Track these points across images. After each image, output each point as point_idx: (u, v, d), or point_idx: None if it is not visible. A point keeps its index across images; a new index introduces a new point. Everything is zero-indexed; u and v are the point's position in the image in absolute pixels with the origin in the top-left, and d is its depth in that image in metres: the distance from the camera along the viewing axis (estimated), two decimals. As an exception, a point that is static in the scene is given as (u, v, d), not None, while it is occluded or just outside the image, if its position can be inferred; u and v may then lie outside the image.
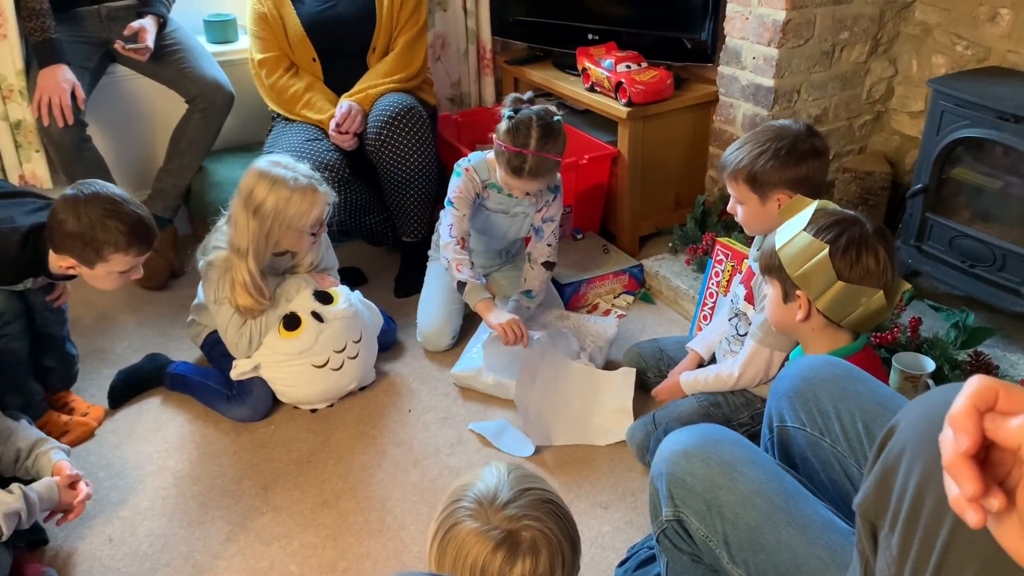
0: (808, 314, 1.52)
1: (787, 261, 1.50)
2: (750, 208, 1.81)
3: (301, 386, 2.11)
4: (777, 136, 1.76)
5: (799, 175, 1.74)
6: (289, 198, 1.95)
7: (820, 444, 1.19)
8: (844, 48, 2.52)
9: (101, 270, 1.81)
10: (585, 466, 1.96)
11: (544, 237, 2.33)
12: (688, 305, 2.47)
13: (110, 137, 2.74)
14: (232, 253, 2.00)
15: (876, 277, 1.47)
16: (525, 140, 2.07)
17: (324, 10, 2.60)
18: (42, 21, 2.38)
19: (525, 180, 2.12)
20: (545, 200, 2.31)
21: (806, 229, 1.49)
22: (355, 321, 2.13)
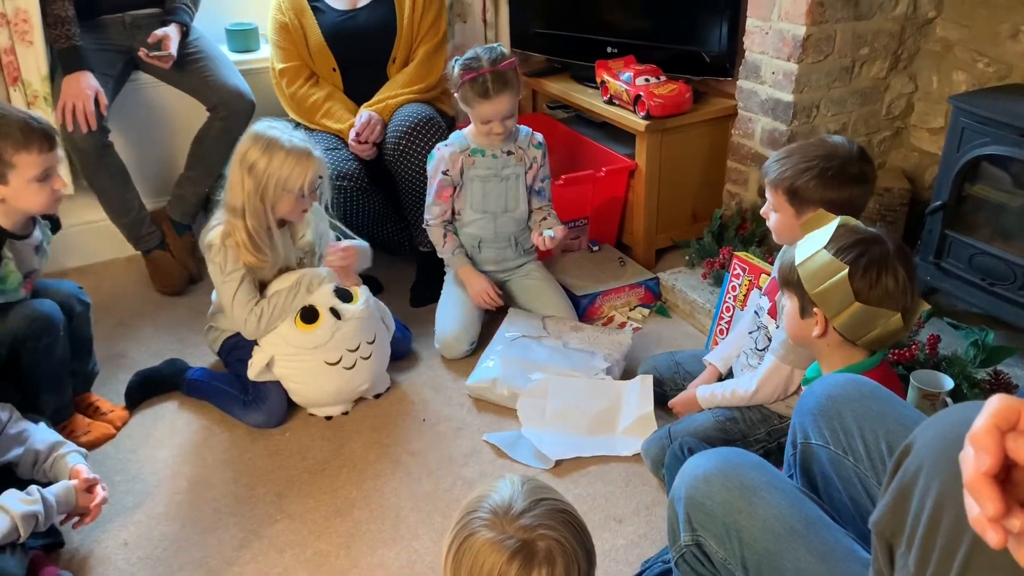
0: (824, 331, 1.51)
1: (806, 278, 1.49)
2: (783, 219, 1.80)
3: (313, 383, 2.11)
4: (828, 155, 1.73)
5: (840, 197, 1.72)
6: (284, 159, 1.98)
7: (843, 463, 1.18)
8: (864, 64, 2.51)
9: (17, 180, 1.79)
10: (599, 479, 1.95)
11: (544, 195, 2.46)
12: (704, 319, 2.46)
13: (132, 143, 2.76)
14: (228, 215, 2.03)
15: (895, 299, 1.45)
16: (477, 64, 2.24)
17: (344, 21, 2.63)
18: (67, 28, 2.42)
19: (493, 98, 2.23)
20: (532, 157, 2.39)
21: (827, 247, 1.48)
22: (371, 322, 2.14)
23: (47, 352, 1.89)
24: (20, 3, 2.37)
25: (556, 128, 3.06)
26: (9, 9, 2.37)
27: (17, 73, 2.44)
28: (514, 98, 2.27)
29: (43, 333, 1.88)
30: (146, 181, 2.78)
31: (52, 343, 1.89)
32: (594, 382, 2.16)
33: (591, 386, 2.15)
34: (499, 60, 2.24)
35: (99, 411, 2.14)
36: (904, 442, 0.76)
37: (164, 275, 2.68)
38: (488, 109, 2.25)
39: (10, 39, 2.40)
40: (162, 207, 2.78)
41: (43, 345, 1.88)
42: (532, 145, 2.39)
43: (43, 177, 1.83)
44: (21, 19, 2.39)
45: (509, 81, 2.24)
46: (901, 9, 2.47)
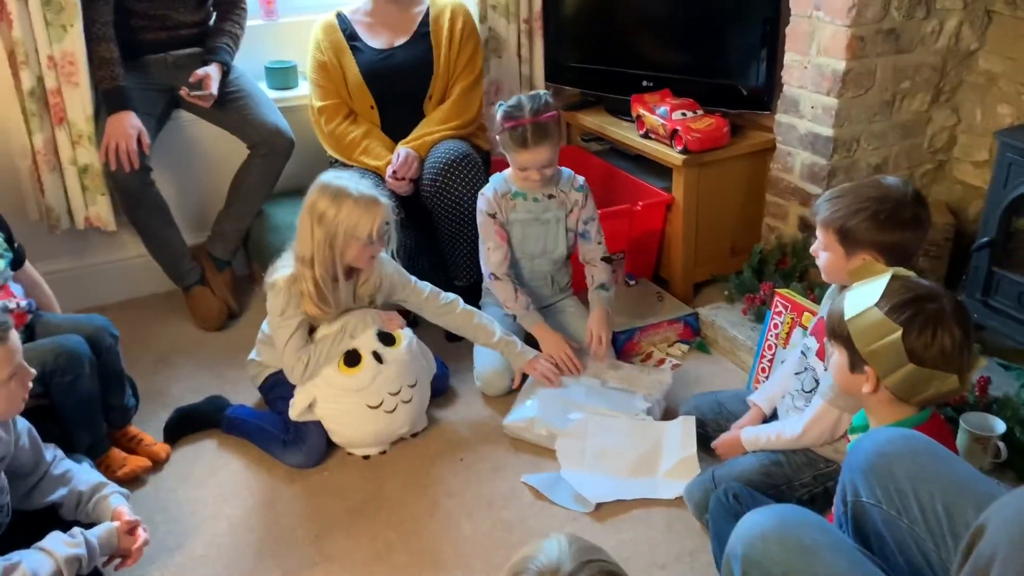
0: (876, 389, 1.45)
1: (856, 335, 1.44)
2: (833, 258, 1.76)
3: (353, 426, 2.12)
4: (882, 197, 1.70)
5: (892, 241, 1.68)
6: (353, 207, 2.01)
7: (897, 523, 1.15)
8: (905, 97, 2.48)
9: None
10: (641, 524, 1.92)
11: (592, 238, 2.41)
12: (745, 356, 2.43)
13: (173, 180, 2.80)
14: (297, 263, 2.06)
15: (951, 360, 1.39)
16: (520, 112, 2.24)
17: (383, 59, 2.65)
18: (111, 69, 2.46)
19: (532, 148, 2.23)
20: (574, 201, 2.37)
21: (878, 304, 1.42)
22: (412, 365, 2.14)
23: (73, 388, 1.91)
24: (67, 46, 2.42)
25: (590, 161, 3.05)
26: (56, 52, 2.42)
27: (63, 114, 2.48)
28: (553, 149, 2.27)
29: (67, 369, 1.89)
30: (186, 217, 2.81)
31: (77, 379, 1.90)
32: (635, 423, 2.14)
33: (632, 427, 2.13)
34: (541, 111, 2.23)
35: (142, 443, 2.15)
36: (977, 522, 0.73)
37: (204, 311, 2.70)
38: (526, 158, 2.26)
39: (57, 81, 2.45)
40: (202, 243, 2.81)
41: (67, 381, 1.89)
42: (574, 188, 2.38)
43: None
44: (68, 61, 2.43)
45: (549, 132, 2.24)
46: (943, 42, 2.44)
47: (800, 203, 2.58)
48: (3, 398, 1.59)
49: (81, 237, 2.74)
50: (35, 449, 1.76)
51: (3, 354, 1.56)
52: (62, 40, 2.41)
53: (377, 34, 2.68)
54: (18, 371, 1.60)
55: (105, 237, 2.76)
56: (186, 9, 2.64)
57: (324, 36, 2.64)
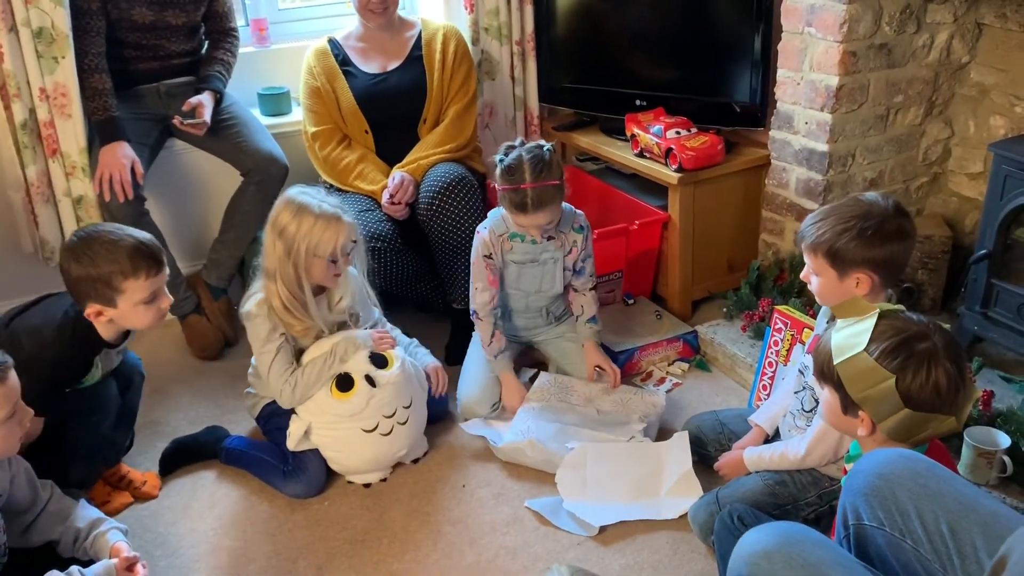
0: (871, 432, 1.41)
1: (847, 380, 1.39)
2: (826, 282, 1.75)
3: (351, 451, 2.10)
4: (865, 214, 1.69)
5: (882, 256, 1.67)
6: (313, 224, 1.99)
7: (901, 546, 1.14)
8: (899, 111, 2.49)
9: (125, 304, 1.80)
10: (646, 548, 1.90)
11: (586, 272, 2.38)
12: (746, 373, 2.42)
13: (167, 209, 2.79)
14: (265, 280, 2.05)
15: (947, 401, 1.35)
16: (520, 176, 2.13)
17: (376, 84, 2.65)
18: (104, 100, 2.46)
19: (531, 214, 2.15)
20: (572, 242, 2.32)
21: (868, 350, 1.37)
22: (406, 386, 2.13)
23: (94, 428, 1.90)
24: (59, 77, 2.42)
25: (586, 181, 3.05)
26: (48, 84, 2.42)
27: (56, 146, 2.48)
28: (554, 211, 2.18)
29: (96, 410, 1.89)
30: (181, 246, 2.80)
31: (101, 420, 1.91)
32: (632, 446, 2.13)
33: (630, 450, 2.11)
34: (543, 176, 2.12)
35: (132, 484, 2.13)
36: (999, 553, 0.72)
37: (200, 339, 2.69)
38: (525, 221, 2.19)
39: (49, 113, 2.45)
40: (197, 271, 2.79)
41: (93, 422, 1.89)
42: (573, 229, 2.30)
43: (150, 300, 1.83)
44: (60, 93, 2.43)
45: (550, 197, 2.14)
46: (934, 56, 2.45)
47: (796, 219, 2.57)
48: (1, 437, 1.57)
49: (76, 268, 2.72)
50: (32, 486, 1.74)
51: (1, 393, 1.54)
52: (54, 72, 2.41)
53: (370, 59, 2.69)
54: (16, 411, 1.58)
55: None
56: (178, 38, 2.64)
57: (316, 62, 2.65)
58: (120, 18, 2.50)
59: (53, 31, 2.37)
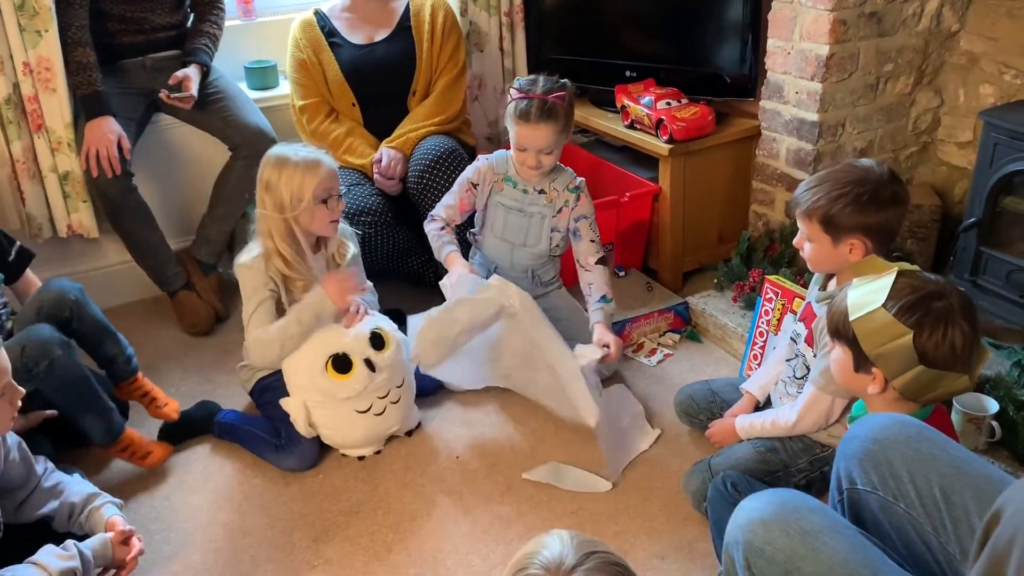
0: (883, 389, 1.42)
1: (863, 336, 1.40)
2: (820, 248, 1.75)
3: (344, 430, 2.10)
4: (860, 180, 1.69)
5: (877, 222, 1.68)
6: (293, 171, 2.02)
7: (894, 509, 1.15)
8: (888, 80, 2.48)
9: None
10: (639, 515, 1.92)
11: (583, 236, 2.30)
12: (737, 343, 2.43)
13: (155, 185, 2.77)
14: (263, 240, 2.08)
15: (962, 359, 1.36)
16: (531, 87, 2.17)
17: (363, 55, 2.63)
18: (89, 75, 2.43)
19: (533, 124, 2.14)
20: (564, 200, 2.29)
21: (886, 305, 1.38)
22: (399, 365, 2.13)
23: (51, 373, 1.85)
24: (42, 51, 2.38)
25: (577, 153, 3.04)
26: (32, 58, 2.38)
27: (41, 120, 2.45)
28: (555, 133, 2.16)
29: (38, 357, 1.84)
30: (170, 222, 2.78)
31: (52, 362, 1.85)
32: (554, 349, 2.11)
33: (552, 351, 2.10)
34: (553, 90, 2.15)
35: (155, 401, 2.15)
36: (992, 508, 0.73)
37: (191, 315, 2.68)
38: (525, 134, 2.17)
39: (33, 87, 2.41)
40: (187, 247, 2.78)
41: (44, 368, 1.84)
42: (567, 189, 2.29)
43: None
44: (44, 67, 2.40)
45: (555, 114, 2.14)
46: (924, 24, 2.44)
47: (787, 189, 2.58)
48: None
49: (64, 245, 2.71)
50: (25, 463, 1.74)
51: None
52: (37, 46, 2.38)
53: (357, 29, 2.66)
54: (6, 390, 1.57)
55: (88, 244, 2.73)
56: (163, 11, 2.60)
57: (302, 34, 2.62)
58: (104, -10, 2.47)
59: (36, 4, 2.33)
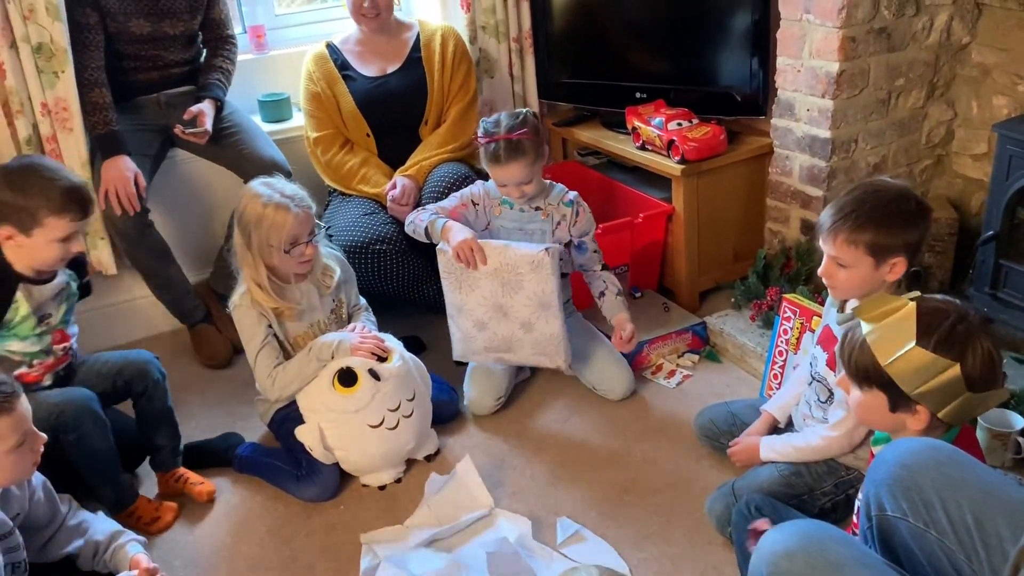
0: (928, 425, 1.38)
1: (903, 378, 1.35)
2: (858, 272, 1.69)
3: (359, 449, 2.10)
4: (898, 197, 1.67)
5: (916, 238, 1.66)
6: (262, 214, 2.02)
7: (926, 536, 1.13)
8: (900, 95, 2.48)
9: (40, 238, 1.84)
10: (663, 540, 1.90)
11: (588, 247, 2.38)
12: (756, 363, 2.41)
13: (171, 219, 2.79)
14: (242, 267, 2.11)
15: (997, 372, 1.34)
16: (495, 129, 2.23)
17: (376, 87, 2.65)
18: (104, 115, 2.46)
19: (504, 165, 2.21)
20: (561, 215, 2.33)
21: (921, 343, 1.33)
22: (408, 379, 2.14)
23: (78, 446, 1.88)
24: (60, 92, 2.41)
25: (588, 175, 3.05)
26: (49, 99, 2.42)
27: (60, 161, 2.48)
28: (527, 166, 2.22)
29: (70, 427, 1.86)
30: (188, 255, 2.80)
31: (81, 437, 1.87)
32: None
33: None
34: (515, 128, 2.20)
35: (188, 481, 2.14)
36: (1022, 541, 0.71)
37: (209, 348, 2.69)
38: (500, 174, 2.25)
39: (51, 127, 2.45)
40: (205, 280, 2.80)
41: (72, 439, 1.86)
42: (562, 203, 2.32)
43: (64, 239, 1.87)
44: (61, 107, 2.43)
45: (523, 150, 2.20)
46: (935, 37, 2.44)
47: (801, 206, 2.57)
48: (11, 464, 1.55)
49: (83, 281, 2.73)
50: (50, 502, 1.75)
51: (9, 424, 1.53)
52: (55, 86, 2.41)
53: (369, 62, 2.69)
54: (27, 438, 1.57)
55: (108, 280, 2.75)
56: (176, 48, 2.64)
57: (316, 67, 2.65)
58: (118, 31, 2.50)
59: (52, 46, 2.37)
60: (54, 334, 2.00)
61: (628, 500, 2.03)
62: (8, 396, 1.53)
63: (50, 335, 1.99)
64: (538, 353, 2.31)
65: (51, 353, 2.00)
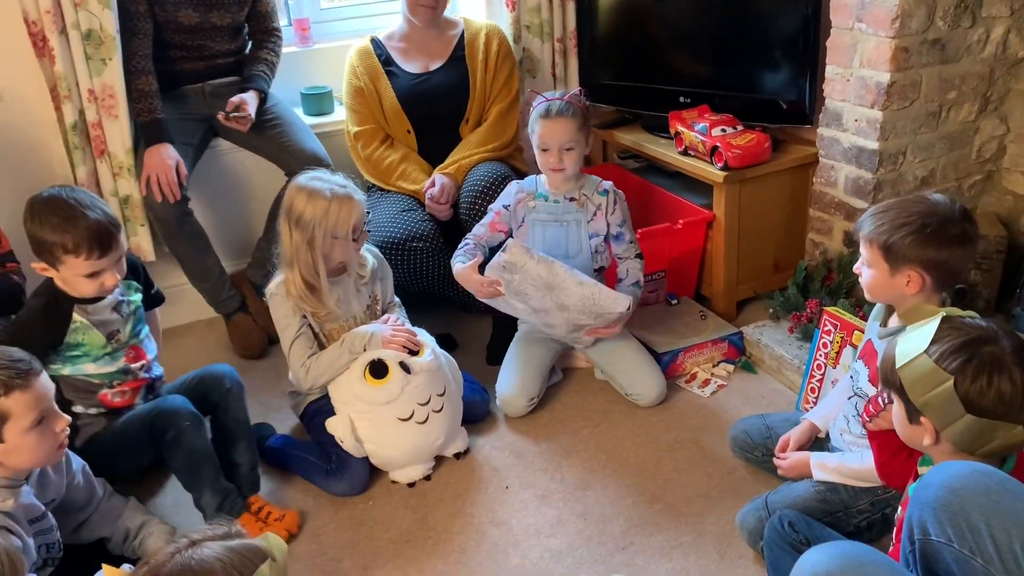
0: (936, 440, 1.35)
1: (908, 385, 1.34)
2: (877, 276, 1.70)
3: (389, 442, 2.10)
4: (927, 212, 1.64)
5: (938, 258, 1.63)
6: (327, 208, 2.01)
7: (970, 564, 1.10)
8: (952, 108, 2.42)
9: (66, 273, 1.85)
10: (693, 551, 1.88)
11: (625, 240, 2.38)
12: (793, 375, 2.38)
13: (211, 208, 2.81)
14: (284, 268, 2.09)
15: (1014, 407, 1.28)
16: (551, 94, 2.32)
17: (419, 84, 2.65)
18: (150, 102, 2.48)
19: (554, 119, 2.25)
20: (597, 204, 2.34)
21: (928, 352, 1.32)
22: (439, 374, 2.13)
23: (177, 443, 1.88)
24: (107, 79, 2.44)
25: (628, 179, 3.02)
26: (97, 85, 2.44)
27: (104, 146, 2.51)
28: (575, 128, 2.25)
29: (168, 425, 1.88)
30: (226, 244, 2.82)
31: (179, 433, 1.88)
32: None
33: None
34: (571, 95, 2.29)
35: (271, 516, 2.01)
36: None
37: (244, 338, 2.71)
38: (547, 130, 2.25)
39: (97, 114, 2.47)
40: (242, 270, 2.81)
41: (170, 438, 1.88)
42: (597, 192, 2.35)
43: (91, 275, 1.85)
44: (108, 94, 2.45)
45: (573, 110, 2.25)
46: (989, 51, 2.38)
47: (845, 217, 2.52)
48: (31, 444, 1.54)
49: (122, 267, 2.76)
50: (89, 486, 1.77)
51: (26, 400, 1.52)
52: (102, 73, 2.44)
53: (412, 59, 2.69)
54: (46, 416, 1.56)
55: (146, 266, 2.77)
56: (222, 39, 2.65)
57: (359, 61, 2.65)
58: (167, 20, 2.53)
59: (101, 33, 2.39)
60: (127, 351, 2.01)
61: (658, 509, 2.01)
62: (24, 372, 1.53)
63: (123, 354, 2.00)
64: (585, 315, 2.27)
65: (130, 373, 2.01)
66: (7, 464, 1.54)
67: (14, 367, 1.51)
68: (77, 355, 1.93)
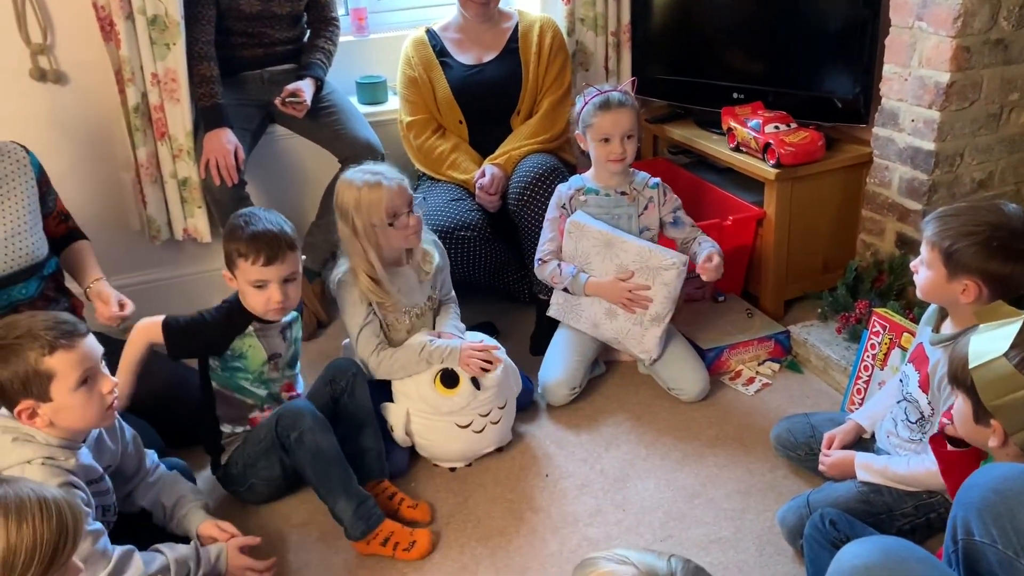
0: (1003, 443, 1.33)
1: (981, 386, 1.32)
2: (934, 277, 1.68)
3: (441, 443, 2.14)
4: (998, 224, 1.60)
5: (1000, 272, 1.59)
6: (358, 196, 2.05)
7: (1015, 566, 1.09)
8: (1013, 110, 2.38)
9: (241, 280, 1.92)
10: (731, 547, 1.88)
11: (685, 224, 2.42)
12: (839, 376, 2.35)
13: (266, 192, 2.87)
14: (344, 258, 2.14)
15: None
16: (604, 88, 2.35)
17: (472, 75, 2.67)
18: (211, 87, 2.54)
19: (614, 110, 2.29)
20: (648, 198, 2.38)
21: (1008, 355, 1.29)
22: (504, 387, 2.16)
23: (301, 443, 1.88)
24: (170, 63, 2.51)
25: (678, 174, 3.01)
26: (160, 69, 2.51)
27: (165, 129, 2.58)
28: (633, 117, 2.31)
29: (291, 426, 1.90)
30: (278, 229, 2.87)
31: (302, 433, 1.88)
32: None
33: None
34: (623, 88, 2.34)
35: (403, 502, 2.01)
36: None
37: (293, 321, 2.76)
38: (607, 121, 2.28)
39: (160, 97, 2.54)
40: (292, 254, 2.86)
41: (294, 438, 1.89)
42: (647, 186, 2.38)
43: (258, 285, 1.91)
44: (170, 78, 2.52)
45: (629, 101, 2.31)
46: (1055, 52, 2.33)
47: (898, 219, 2.49)
48: (78, 404, 1.56)
49: (177, 248, 2.83)
50: (139, 455, 1.83)
51: (70, 359, 1.54)
52: (165, 58, 2.51)
53: (466, 50, 2.71)
54: (91, 376, 1.58)
55: (200, 248, 2.84)
56: (282, 27, 2.71)
57: (414, 52, 2.68)
58: (229, 7, 2.59)
59: (166, 18, 2.46)
60: (283, 385, 2.08)
61: (698, 503, 2.01)
62: (69, 333, 1.55)
63: (280, 383, 2.07)
64: (629, 336, 2.35)
65: (280, 401, 2.07)
66: (58, 424, 1.57)
67: (59, 328, 1.54)
68: (237, 366, 2.00)
